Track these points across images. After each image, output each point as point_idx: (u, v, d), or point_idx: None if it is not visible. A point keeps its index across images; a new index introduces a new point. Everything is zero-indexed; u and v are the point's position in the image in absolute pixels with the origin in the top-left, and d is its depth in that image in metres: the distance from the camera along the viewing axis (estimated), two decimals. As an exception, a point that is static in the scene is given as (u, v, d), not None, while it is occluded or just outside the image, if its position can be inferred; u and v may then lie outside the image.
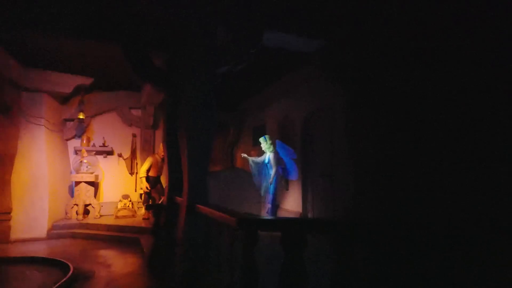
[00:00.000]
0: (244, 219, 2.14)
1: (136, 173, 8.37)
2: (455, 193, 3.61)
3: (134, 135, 8.56)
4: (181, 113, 3.95)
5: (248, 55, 3.97)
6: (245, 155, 6.96)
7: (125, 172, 8.42)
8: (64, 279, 3.89)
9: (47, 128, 7.00)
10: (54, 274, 4.28)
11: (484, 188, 3.32)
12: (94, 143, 8.09)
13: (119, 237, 6.45)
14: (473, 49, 3.51)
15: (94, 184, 7.70)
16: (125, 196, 8.05)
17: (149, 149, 8.54)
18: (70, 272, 4.16)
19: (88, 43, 5.73)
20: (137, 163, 8.47)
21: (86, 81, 7.22)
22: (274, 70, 6.17)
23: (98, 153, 8.10)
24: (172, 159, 4.50)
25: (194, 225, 3.31)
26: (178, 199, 3.99)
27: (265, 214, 6.89)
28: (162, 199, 5.79)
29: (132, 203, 8.05)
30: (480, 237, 2.52)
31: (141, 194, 7.90)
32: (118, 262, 5.07)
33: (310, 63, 5.24)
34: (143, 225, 6.82)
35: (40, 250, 5.82)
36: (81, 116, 7.48)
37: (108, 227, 6.83)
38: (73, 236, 6.66)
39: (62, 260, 4.61)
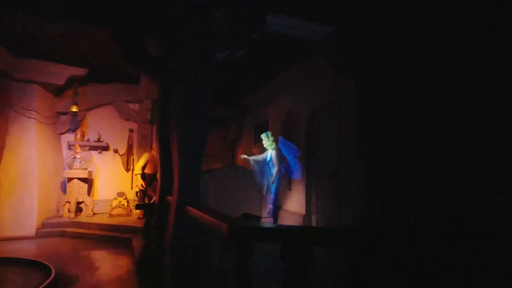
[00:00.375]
0: (237, 227, 1.76)
1: (133, 169, 8.03)
2: (474, 194, 3.25)
3: (131, 130, 8.22)
4: (173, 104, 3.57)
5: (249, 40, 3.59)
6: (245, 156, 6.60)
7: (121, 168, 8.07)
8: (43, 285, 3.55)
9: (39, 121, 6.66)
10: (35, 278, 3.93)
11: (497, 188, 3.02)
12: (88, 138, 7.74)
13: (112, 237, 6.11)
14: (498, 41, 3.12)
15: (88, 181, 7.36)
16: (121, 194, 7.71)
17: (146, 145, 8.20)
18: (51, 276, 3.82)
19: (81, 31, 5.43)
20: (133, 159, 8.12)
21: (80, 72, 6.87)
22: (278, 62, 5.77)
23: (93, 148, 7.75)
24: (165, 155, 4.13)
25: (184, 228, 2.93)
26: (169, 198, 3.63)
27: (266, 215, 6.54)
28: (154, 198, 5.45)
29: (127, 201, 7.72)
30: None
31: (137, 192, 7.56)
32: (107, 265, 4.73)
33: (317, 53, 4.84)
34: (137, 224, 6.46)
35: (27, 249, 5.48)
36: (74, 109, 7.13)
37: (101, 226, 6.49)
38: (64, 235, 6.32)
39: (45, 262, 4.26)
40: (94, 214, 7.30)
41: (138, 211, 7.15)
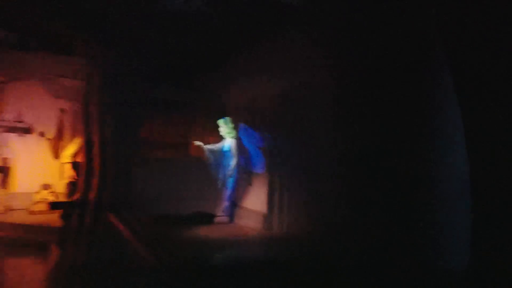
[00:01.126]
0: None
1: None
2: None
3: (62, 111, 6.89)
4: (100, 72, 2.58)
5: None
6: (200, 143, 5.89)
7: (49, 155, 6.75)
8: None
9: None
10: None
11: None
12: (5, 117, 6.33)
13: (28, 240, 4.87)
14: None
15: (3, 170, 5.98)
16: (46, 186, 6.41)
17: (82, 129, 6.94)
18: None
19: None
20: (65, 145, 6.83)
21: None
22: (243, 33, 4.91)
23: (10, 130, 6.39)
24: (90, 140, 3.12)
25: (102, 244, 2.00)
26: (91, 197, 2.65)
27: (221, 213, 5.81)
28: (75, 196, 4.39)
29: (56, 195, 6.44)
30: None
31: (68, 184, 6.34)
32: (9, 281, 3.60)
33: (292, 21, 4.05)
34: (65, 224, 5.31)
35: None
36: (-20, 78, 5.68)
37: (15, 226, 5.19)
38: (-38, 237, 4.97)
39: None
40: (10, 210, 5.96)
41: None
